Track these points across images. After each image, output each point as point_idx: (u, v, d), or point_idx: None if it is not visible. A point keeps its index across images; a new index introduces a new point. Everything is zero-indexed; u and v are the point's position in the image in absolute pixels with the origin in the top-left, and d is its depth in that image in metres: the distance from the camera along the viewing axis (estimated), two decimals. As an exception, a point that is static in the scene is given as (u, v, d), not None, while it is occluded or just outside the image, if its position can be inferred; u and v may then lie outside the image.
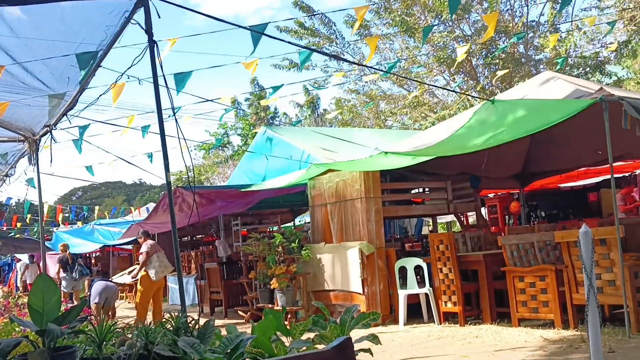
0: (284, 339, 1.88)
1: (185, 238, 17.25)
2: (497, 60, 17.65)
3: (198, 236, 18.05)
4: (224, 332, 1.79)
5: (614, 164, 5.86)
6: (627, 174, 11.87)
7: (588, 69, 19.30)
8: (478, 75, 20.16)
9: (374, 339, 1.98)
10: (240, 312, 9.49)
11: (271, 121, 29.82)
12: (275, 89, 7.43)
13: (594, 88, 5.92)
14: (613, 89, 6.10)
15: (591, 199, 12.60)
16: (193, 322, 1.77)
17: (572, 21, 17.26)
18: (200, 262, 12.60)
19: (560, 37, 17.64)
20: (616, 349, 4.90)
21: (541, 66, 19.40)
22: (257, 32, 4.43)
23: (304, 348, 1.73)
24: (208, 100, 7.46)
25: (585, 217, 10.37)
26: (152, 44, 3.40)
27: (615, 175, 10.24)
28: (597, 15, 18.49)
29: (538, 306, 6.19)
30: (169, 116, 4.59)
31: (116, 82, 4.68)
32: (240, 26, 4.43)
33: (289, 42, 5.22)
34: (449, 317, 7.20)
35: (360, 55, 22.14)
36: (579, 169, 10.90)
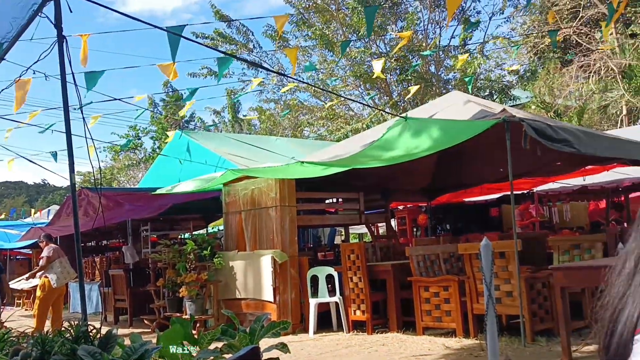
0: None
1: (91, 243, 16.50)
2: (410, 78, 18.28)
3: (104, 241, 17.31)
4: (128, 341, 1.74)
5: (514, 181, 6.22)
6: (525, 191, 12.63)
7: (494, 91, 20.39)
8: (392, 91, 20.79)
9: (283, 347, 1.99)
10: (146, 321, 9.18)
11: (186, 125, 29.23)
12: (192, 92, 7.31)
13: (497, 109, 6.28)
14: (515, 111, 6.49)
15: (493, 213, 13.29)
16: (94, 330, 1.70)
17: (483, 42, 18.19)
18: (105, 268, 12.09)
19: (470, 58, 18.53)
20: (512, 357, 5.18)
21: (450, 86, 20.31)
22: (174, 33, 4.33)
23: (212, 358, 1.71)
24: (119, 99, 7.21)
25: (487, 230, 10.90)
26: (61, 38, 3.26)
27: (515, 192, 10.86)
28: (506, 37, 19.60)
29: (441, 315, 6.45)
30: (75, 108, 4.37)
31: (20, 76, 4.43)
32: (156, 26, 4.33)
33: (208, 47, 5.17)
34: (357, 326, 7.33)
35: (279, 66, 22.24)
36: (482, 185, 11.45)
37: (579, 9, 19.19)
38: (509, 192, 6.48)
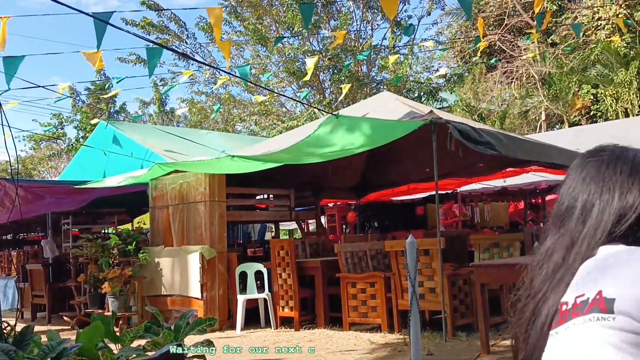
0: (112, 346, 1.79)
1: (7, 236, 15.66)
2: (343, 78, 18.49)
3: (22, 235, 16.47)
4: (45, 339, 1.67)
5: (439, 181, 6.42)
6: (450, 191, 13.08)
7: (422, 93, 20.94)
8: (324, 90, 20.95)
9: (209, 345, 1.97)
10: (66, 318, 8.82)
11: (115, 116, 28.26)
12: (119, 80, 7.08)
13: (425, 110, 6.47)
14: (442, 113, 6.72)
15: (419, 212, 13.67)
16: (9, 327, 1.63)
17: (413, 43, 18.63)
18: (23, 262, 11.51)
19: (400, 59, 18.94)
20: (434, 351, 5.36)
21: (382, 87, 20.69)
22: (101, 20, 4.18)
23: (134, 356, 1.68)
24: (40, 87, 6.87)
25: (413, 228, 11.21)
26: (-23, 20, 3.07)
27: (440, 192, 11.20)
28: (434, 40, 20.13)
29: (367, 311, 6.58)
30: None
31: None
32: (82, 11, 4.16)
33: (138, 36, 5.01)
34: (285, 322, 7.35)
35: (212, 58, 21.89)
36: (409, 184, 11.75)
37: (504, 16, 20.03)
38: (434, 192, 6.69)
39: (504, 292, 6.12)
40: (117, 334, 1.86)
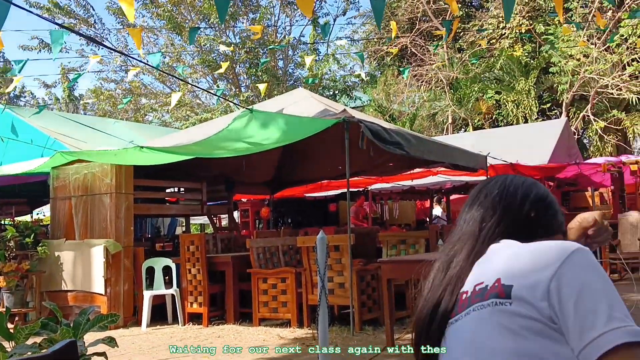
0: (6, 344, 1.70)
1: None
2: (259, 73, 18.40)
3: None
4: None
5: (350, 179, 6.55)
6: (361, 189, 13.37)
7: (337, 91, 21.22)
8: (240, 83, 20.74)
9: (110, 341, 1.91)
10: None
11: (15, 101, 26.53)
12: (21, 64, 6.66)
13: (339, 109, 6.57)
14: (355, 112, 6.84)
15: (331, 209, 13.88)
16: None
17: (328, 42, 18.82)
18: None
19: (318, 58, 19.12)
20: (341, 345, 5.47)
21: (298, 83, 20.78)
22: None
23: (29, 353, 1.59)
24: None
25: (325, 225, 11.37)
26: None
27: (352, 189, 11.38)
28: (348, 39, 20.46)
29: (278, 306, 6.60)
30: None
31: None
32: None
33: (42, 17, 4.73)
34: (194, 318, 7.23)
35: (123, 45, 21.09)
36: (322, 181, 11.90)
37: (415, 21, 20.71)
38: (345, 189, 6.81)
39: (409, 287, 6.36)
40: (11, 330, 1.76)
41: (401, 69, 16.69)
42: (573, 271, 1.01)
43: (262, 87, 8.60)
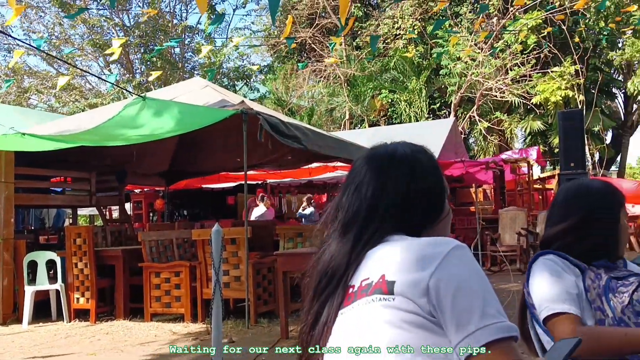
0: None
1: None
2: (155, 59, 17.79)
3: None
4: None
5: (249, 172, 6.53)
6: (259, 182, 13.35)
7: (236, 82, 21.01)
8: (134, 69, 19.95)
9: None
10: None
11: None
12: None
13: (237, 100, 6.51)
14: (253, 104, 6.80)
15: (229, 201, 13.75)
16: None
17: (228, 31, 18.56)
18: None
19: (216, 47, 18.79)
20: (236, 339, 5.45)
21: (196, 71, 20.31)
22: None
23: None
24: None
25: (223, 217, 11.24)
26: None
27: (250, 182, 11.34)
28: (248, 36, 20.33)
29: (171, 301, 6.45)
30: None
31: None
32: None
33: None
34: (81, 315, 6.88)
35: (2, 20, 19.54)
36: (220, 172, 11.75)
37: (315, 16, 20.94)
38: (243, 182, 6.77)
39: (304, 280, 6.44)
40: None
41: (300, 63, 16.84)
42: (450, 269, 1.06)
43: (155, 74, 8.30)
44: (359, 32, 20.56)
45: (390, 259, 1.13)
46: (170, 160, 10.70)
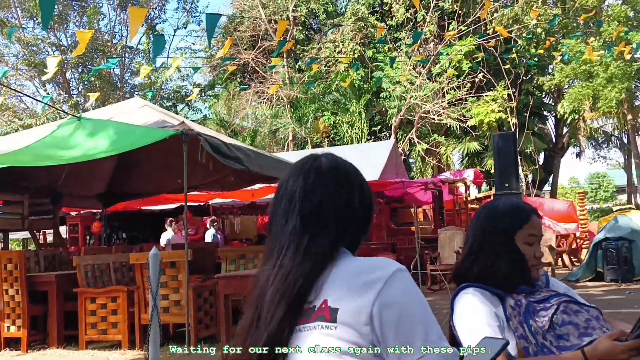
0: None
1: None
2: (93, 79, 17.41)
3: None
4: None
5: (191, 193, 6.45)
6: (202, 203, 13.18)
7: (177, 102, 20.80)
8: (71, 89, 19.44)
9: None
10: None
11: None
12: None
13: (177, 121, 6.44)
14: (194, 125, 6.75)
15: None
16: None
17: (168, 56, 18.41)
18: None
19: (156, 68, 18.58)
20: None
21: (136, 91, 20.01)
22: None
23: None
24: None
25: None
26: None
27: (192, 203, 11.15)
28: (191, 56, 20.22)
29: (107, 328, 6.24)
30: None
31: None
32: None
33: None
34: (11, 343, 6.55)
35: None
36: (160, 194, 11.51)
37: (257, 39, 21.07)
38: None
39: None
40: None
41: (241, 86, 16.85)
42: (392, 295, 1.07)
43: (93, 96, 8.11)
44: (301, 55, 20.82)
45: (333, 283, 1.12)
46: (108, 182, 10.42)
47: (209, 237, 11.51)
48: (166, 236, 11.01)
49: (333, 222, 1.19)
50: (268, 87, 19.41)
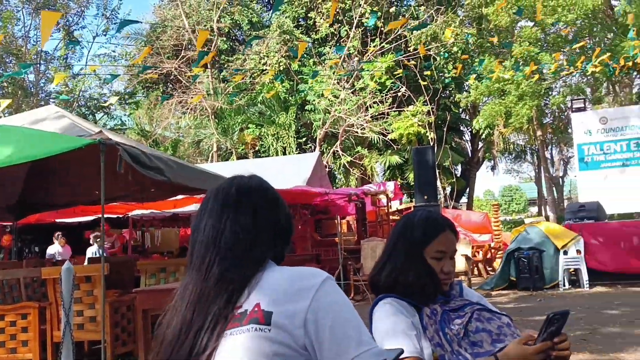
0: None
1: None
2: (5, 85, 16.53)
3: None
4: None
5: (110, 205, 6.22)
6: (120, 215, 12.74)
7: (95, 111, 20.10)
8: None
9: None
10: None
11: None
12: None
13: (95, 130, 6.21)
14: (112, 134, 6.51)
15: (87, 235, 12.93)
16: None
17: (86, 63, 17.80)
18: None
19: (73, 73, 17.90)
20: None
21: (52, 99, 19.17)
22: None
23: None
24: None
25: (81, 253, 10.54)
26: None
27: (110, 215, 10.77)
28: (112, 63, 19.60)
29: (17, 346, 5.88)
30: None
31: None
32: None
33: None
34: None
35: None
36: (77, 206, 11.04)
37: (180, 48, 20.75)
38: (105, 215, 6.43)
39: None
40: None
41: (163, 95, 16.52)
42: (325, 301, 1.12)
43: (4, 103, 7.69)
44: (226, 65, 20.68)
45: (264, 289, 1.15)
46: (19, 193, 9.87)
47: (89, 254, 10.93)
48: (52, 250, 10.62)
49: (262, 234, 1.25)
50: (191, 97, 19.12)
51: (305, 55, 17.83)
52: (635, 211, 12.85)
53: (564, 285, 9.59)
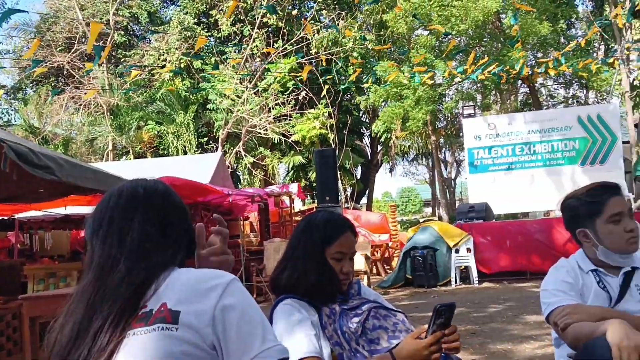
0: None
1: None
2: None
3: None
4: None
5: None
6: (6, 217, 11.87)
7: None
8: None
9: None
10: None
11: None
12: None
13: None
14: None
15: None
16: None
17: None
18: None
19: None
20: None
21: None
22: None
23: None
24: None
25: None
26: None
27: (-8, 218, 9.96)
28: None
29: None
30: None
31: None
32: None
33: None
34: None
35: None
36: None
37: (74, 41, 19.70)
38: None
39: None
40: None
41: (53, 90, 15.61)
42: (232, 300, 1.15)
43: None
44: (123, 60, 19.87)
45: (170, 289, 1.16)
46: None
47: None
48: None
49: (171, 237, 1.27)
50: (85, 93, 18.19)
51: (207, 54, 17.53)
52: (520, 211, 13.80)
53: (456, 282, 10.10)
